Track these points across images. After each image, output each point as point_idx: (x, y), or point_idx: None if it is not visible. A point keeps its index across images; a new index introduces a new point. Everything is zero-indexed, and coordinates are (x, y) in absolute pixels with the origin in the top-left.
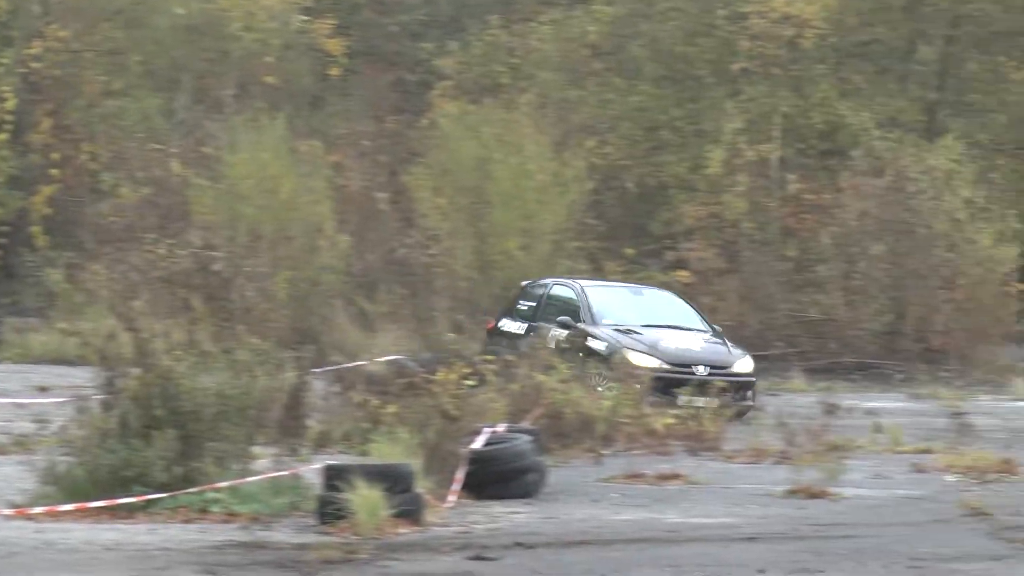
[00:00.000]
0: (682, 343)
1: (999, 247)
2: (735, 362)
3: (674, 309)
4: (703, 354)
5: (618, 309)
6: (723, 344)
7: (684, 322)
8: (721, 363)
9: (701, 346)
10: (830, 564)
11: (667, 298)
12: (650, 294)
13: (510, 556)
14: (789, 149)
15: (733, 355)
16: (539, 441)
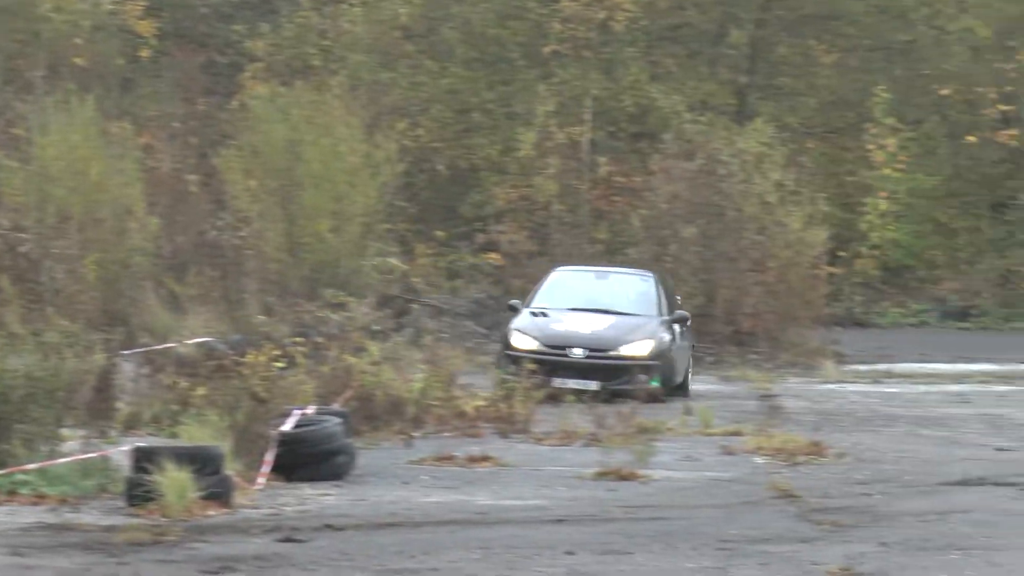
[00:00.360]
0: (577, 326)
1: (808, 230)
2: (623, 346)
3: (631, 294)
4: (586, 337)
5: (566, 293)
6: (654, 330)
7: (632, 307)
8: (604, 346)
9: (598, 329)
10: (640, 546)
11: (633, 283)
12: (617, 279)
13: (320, 538)
14: (600, 132)
15: (627, 339)
16: (349, 423)
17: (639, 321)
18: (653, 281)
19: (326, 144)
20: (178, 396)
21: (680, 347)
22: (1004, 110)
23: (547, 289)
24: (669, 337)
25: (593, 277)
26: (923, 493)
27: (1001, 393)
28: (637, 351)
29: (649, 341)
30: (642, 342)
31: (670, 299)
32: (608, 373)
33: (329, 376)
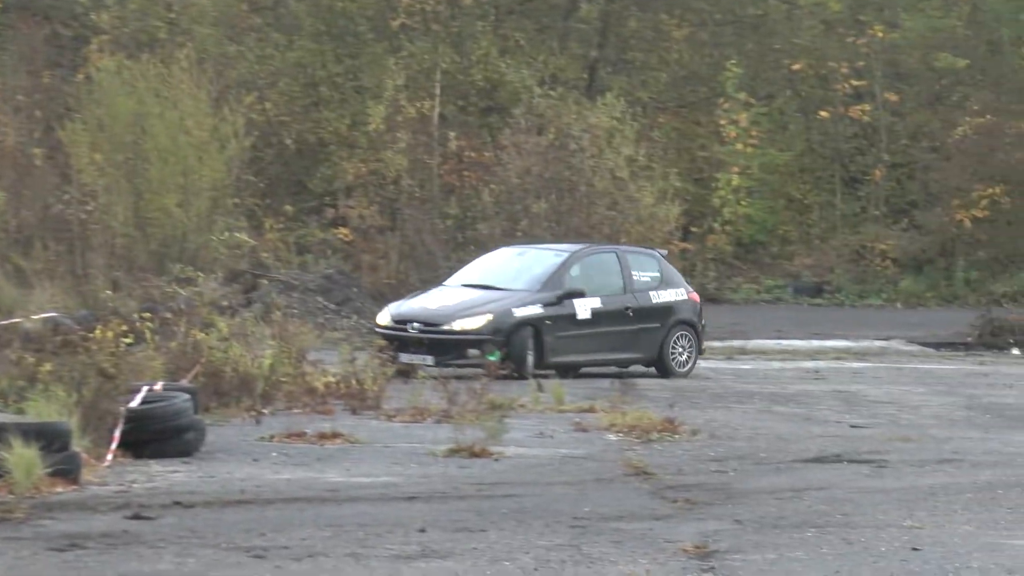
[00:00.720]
0: (430, 301)
1: (661, 205)
2: (453, 321)
3: (527, 270)
4: (421, 312)
5: (480, 269)
6: (505, 305)
7: (514, 282)
8: (436, 320)
9: (442, 304)
10: (492, 524)
11: (542, 259)
12: (531, 255)
13: (169, 515)
14: (450, 106)
15: (460, 314)
16: (197, 399)
17: (502, 296)
18: (564, 257)
19: (173, 118)
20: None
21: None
22: (856, 85)
23: (470, 267)
24: (534, 312)
25: (514, 254)
26: (778, 470)
27: (855, 370)
28: (469, 325)
29: (485, 316)
30: (476, 317)
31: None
32: (442, 348)
33: (177, 352)
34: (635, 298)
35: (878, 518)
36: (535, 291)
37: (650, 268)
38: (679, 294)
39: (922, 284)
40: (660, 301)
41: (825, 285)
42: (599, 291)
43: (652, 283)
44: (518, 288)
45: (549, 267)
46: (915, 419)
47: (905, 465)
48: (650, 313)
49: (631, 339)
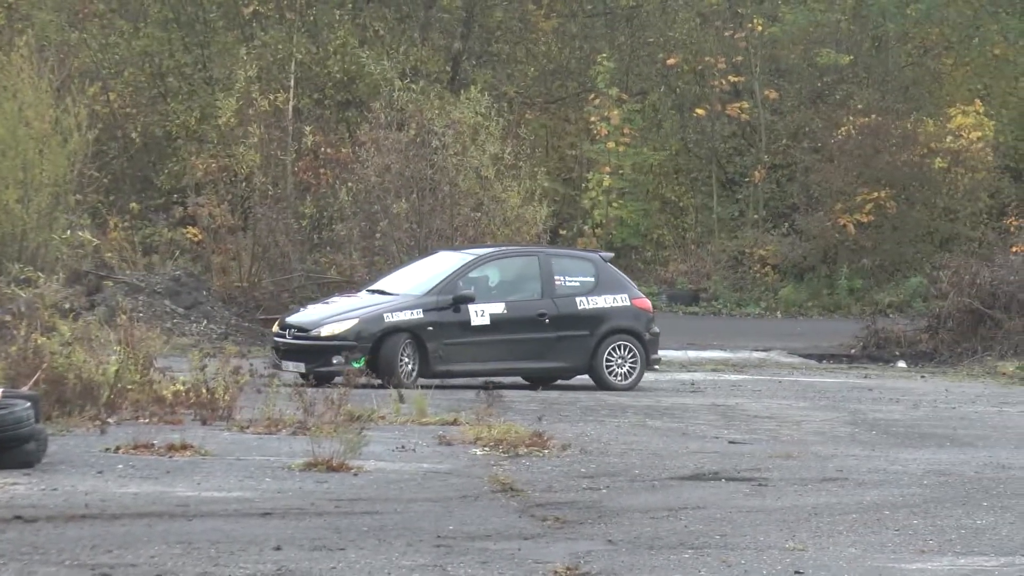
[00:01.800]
0: (320, 308)
1: (528, 206)
2: (322, 327)
3: (421, 274)
4: (300, 318)
5: (403, 275)
6: (376, 310)
7: (403, 287)
8: (307, 326)
9: (325, 311)
10: (351, 542)
11: (439, 262)
12: (434, 260)
13: (9, 530)
14: (305, 99)
15: (326, 320)
16: (39, 407)
17: (381, 301)
18: (466, 260)
19: (12, 109)
20: None
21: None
22: (734, 81)
23: (396, 273)
24: (409, 317)
25: (439, 257)
26: (653, 488)
27: (733, 382)
28: (334, 331)
29: (349, 322)
30: (340, 323)
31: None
32: (311, 354)
33: (17, 357)
34: (554, 304)
35: (758, 539)
36: (420, 296)
37: (582, 273)
38: (618, 300)
39: (803, 292)
40: (588, 307)
41: (701, 292)
42: (508, 296)
43: (581, 288)
44: (407, 293)
45: (445, 271)
46: (797, 435)
47: (786, 483)
48: (575, 320)
49: (548, 347)
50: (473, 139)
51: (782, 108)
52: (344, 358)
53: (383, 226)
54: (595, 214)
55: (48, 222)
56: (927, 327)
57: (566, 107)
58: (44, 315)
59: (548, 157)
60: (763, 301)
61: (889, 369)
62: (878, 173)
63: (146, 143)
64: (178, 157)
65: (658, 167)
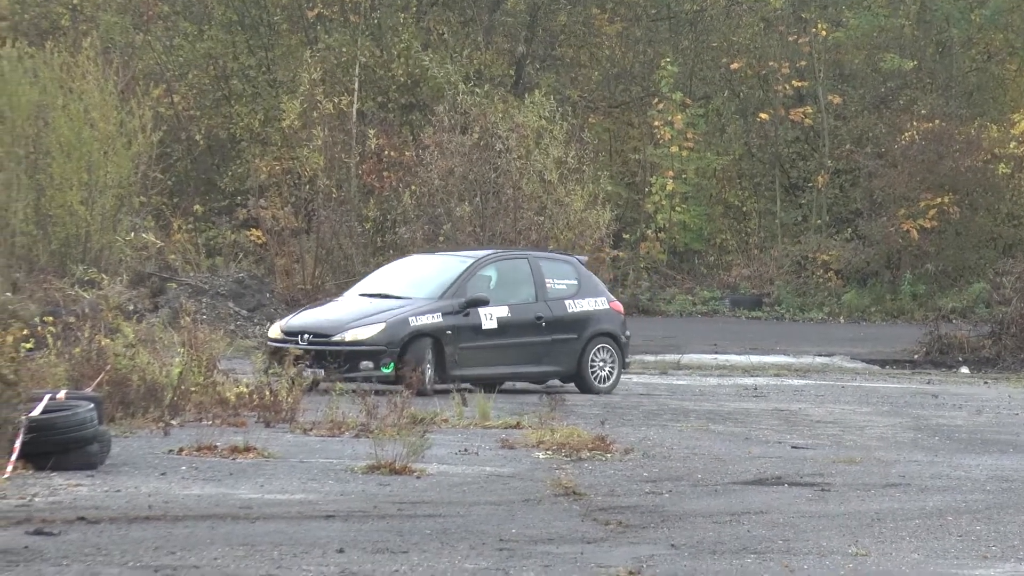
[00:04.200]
0: (323, 313)
1: (591, 210)
2: (345, 331)
3: (429, 277)
4: (312, 323)
5: (383, 278)
6: (398, 314)
7: (415, 290)
8: (326, 331)
9: (336, 315)
10: (414, 545)
11: (447, 265)
12: (437, 261)
13: (72, 531)
14: (369, 102)
15: (351, 324)
16: (102, 409)
17: (400, 305)
18: (469, 263)
19: (77, 110)
20: None
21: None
22: (798, 86)
23: (369, 277)
24: (433, 321)
25: (418, 261)
26: (715, 492)
27: (796, 387)
28: (360, 335)
29: (376, 326)
30: (368, 327)
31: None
32: (333, 360)
33: (81, 359)
34: (548, 307)
35: (821, 544)
36: (435, 299)
37: (566, 275)
38: (599, 303)
39: (866, 298)
40: (576, 311)
41: (764, 297)
42: (508, 299)
43: (568, 291)
44: (418, 296)
45: (452, 274)
46: (859, 440)
47: (849, 489)
48: (565, 324)
49: (544, 351)
50: (537, 143)
51: (846, 113)
52: (373, 364)
53: (446, 229)
54: (658, 218)
55: (112, 224)
56: (990, 333)
57: (630, 111)
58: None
59: (611, 161)
60: (826, 306)
61: (952, 375)
62: (941, 179)
63: (210, 145)
64: (242, 159)
65: (721, 171)
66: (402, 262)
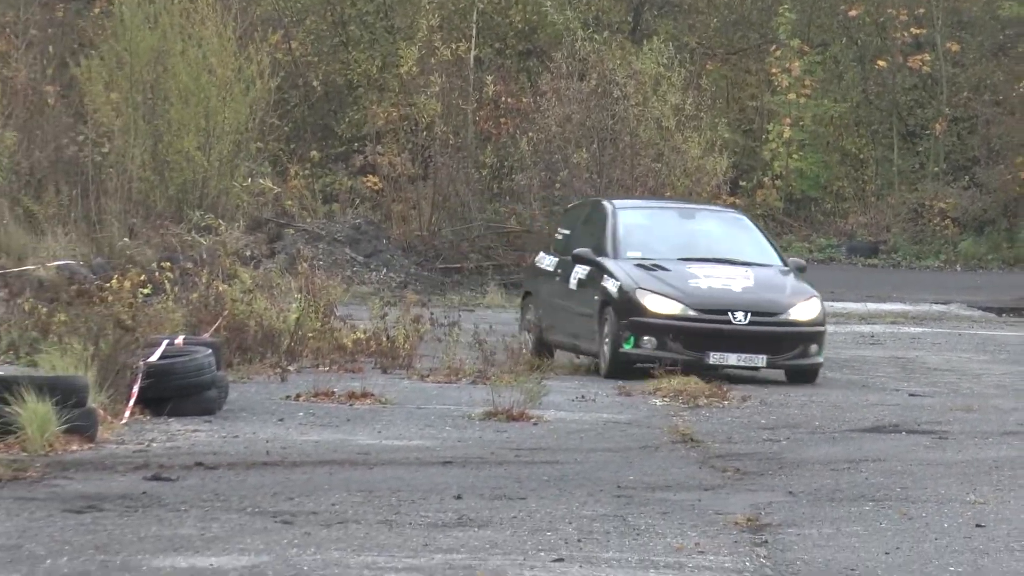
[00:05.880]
0: (721, 282)
1: (708, 157)
2: (791, 307)
3: (735, 237)
4: (745, 296)
5: (657, 237)
6: (787, 283)
7: (744, 254)
8: (769, 309)
9: (746, 286)
10: (532, 491)
11: (729, 222)
12: (706, 217)
13: (190, 477)
14: (487, 48)
15: (791, 298)
16: (220, 355)
17: (779, 273)
18: (749, 220)
19: (196, 56)
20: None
21: None
22: (916, 33)
23: (627, 231)
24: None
25: (677, 216)
26: (833, 440)
27: (913, 335)
28: (805, 313)
29: (815, 301)
30: (809, 303)
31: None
32: (776, 344)
33: (199, 304)
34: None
35: (939, 492)
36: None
37: None
38: None
39: (983, 245)
40: None
41: (881, 245)
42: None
43: None
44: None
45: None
46: (977, 388)
47: (967, 437)
48: None
49: None
50: (654, 90)
51: (964, 60)
52: (817, 347)
53: (563, 176)
54: (775, 165)
55: (229, 170)
56: None
57: (747, 58)
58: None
59: (729, 108)
60: (942, 254)
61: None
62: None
63: (327, 91)
64: (359, 106)
65: (838, 119)
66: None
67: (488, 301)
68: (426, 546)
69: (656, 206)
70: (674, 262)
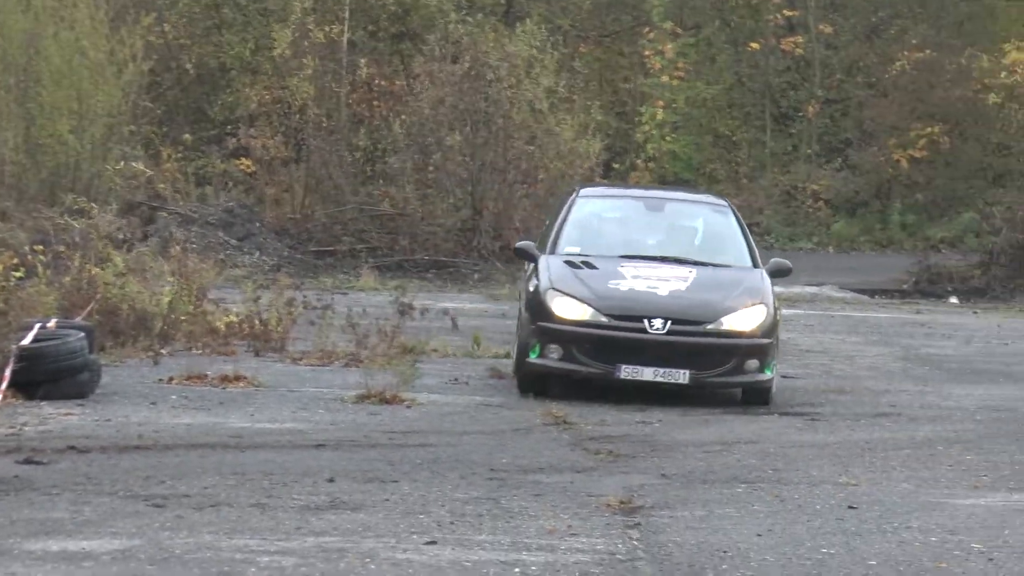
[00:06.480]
0: (649, 284)
1: (582, 140)
2: (725, 315)
3: (703, 231)
4: (670, 301)
5: (610, 230)
6: (738, 286)
7: (704, 251)
8: (694, 316)
9: (676, 289)
10: (404, 474)
11: (705, 214)
12: (677, 209)
13: (63, 460)
14: (360, 32)
15: (728, 304)
16: (93, 338)
17: (734, 275)
18: (731, 213)
19: (68, 39)
20: None
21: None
22: (789, 15)
23: (575, 224)
24: (774, 302)
25: (643, 207)
26: (705, 422)
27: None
28: (743, 323)
29: (760, 307)
30: (751, 311)
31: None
32: (701, 358)
33: (71, 288)
34: None
35: (812, 474)
36: (750, 267)
37: None
38: None
39: (856, 227)
40: None
41: (753, 227)
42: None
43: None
44: (733, 263)
45: (734, 228)
46: (849, 370)
47: (839, 419)
48: None
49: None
50: (527, 72)
51: (836, 43)
52: (758, 364)
53: (436, 159)
54: (648, 148)
55: (102, 153)
56: (980, 263)
57: (620, 41)
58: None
59: (602, 91)
60: (815, 236)
61: (941, 305)
62: (932, 108)
63: (200, 74)
64: (232, 88)
65: (711, 101)
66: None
67: (361, 284)
68: (299, 529)
69: (625, 195)
70: (610, 259)
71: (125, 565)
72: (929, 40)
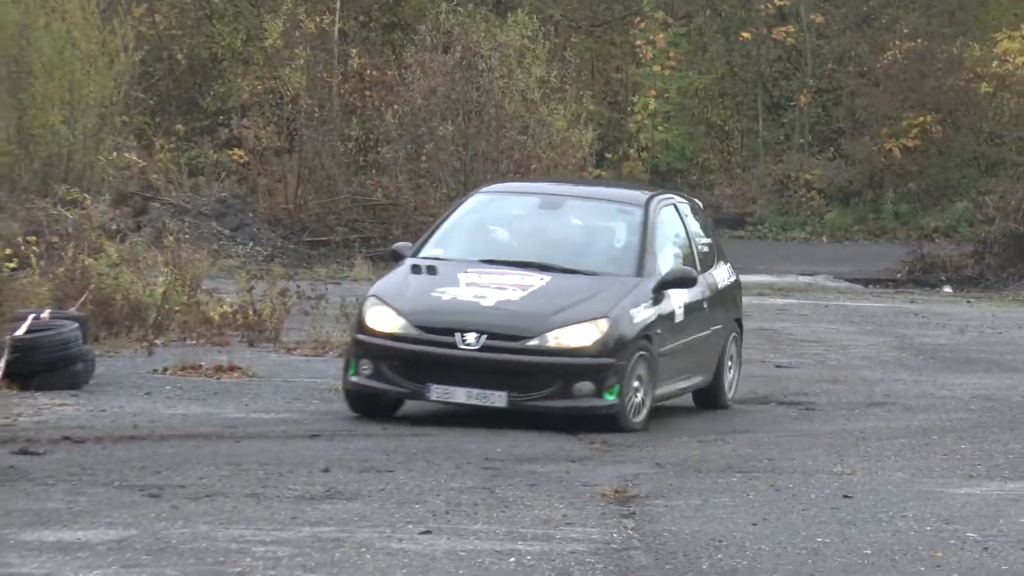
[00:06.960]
0: (477, 291)
1: (574, 130)
2: (550, 330)
3: (593, 234)
4: (491, 312)
5: (487, 231)
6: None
7: (580, 257)
8: (512, 331)
9: (507, 298)
10: (400, 464)
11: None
12: (576, 207)
13: (58, 451)
14: (351, 21)
15: (560, 317)
16: (86, 328)
17: (594, 284)
18: (640, 214)
19: (60, 29)
20: None
21: (684, 329)
22: (780, 5)
23: (455, 224)
24: (649, 315)
25: (536, 205)
26: (699, 412)
27: (779, 307)
28: (573, 339)
29: (600, 321)
30: (588, 324)
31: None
32: (520, 378)
33: (65, 278)
34: (705, 280)
35: (807, 463)
36: (631, 275)
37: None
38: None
39: (849, 217)
40: (726, 283)
41: (746, 217)
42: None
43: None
44: (606, 271)
45: (631, 230)
46: (843, 360)
47: (834, 408)
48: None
49: (700, 353)
50: (519, 62)
51: (828, 32)
52: (594, 386)
53: (428, 149)
54: (640, 138)
55: (94, 143)
56: (973, 252)
57: (612, 30)
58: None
59: (594, 80)
60: (808, 225)
61: (935, 294)
62: (924, 98)
63: (192, 65)
64: (224, 79)
65: (703, 91)
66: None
67: (355, 274)
68: (294, 519)
69: (526, 192)
70: (460, 264)
71: (121, 555)
72: (921, 29)
